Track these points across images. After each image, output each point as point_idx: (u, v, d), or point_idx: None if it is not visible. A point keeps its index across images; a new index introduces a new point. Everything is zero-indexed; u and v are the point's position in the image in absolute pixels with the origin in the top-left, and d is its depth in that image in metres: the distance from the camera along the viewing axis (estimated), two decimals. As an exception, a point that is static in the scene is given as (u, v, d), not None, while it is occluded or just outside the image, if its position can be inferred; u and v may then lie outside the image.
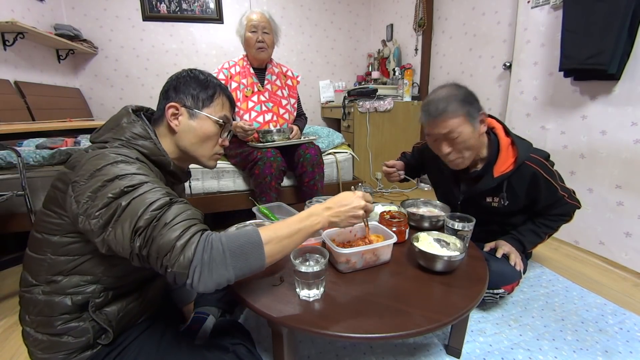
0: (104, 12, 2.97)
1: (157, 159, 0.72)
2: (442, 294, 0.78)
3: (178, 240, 0.54)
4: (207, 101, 0.76)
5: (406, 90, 2.73)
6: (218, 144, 0.81)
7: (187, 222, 0.57)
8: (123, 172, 0.58)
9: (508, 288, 1.08)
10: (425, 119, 1.03)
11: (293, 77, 1.86)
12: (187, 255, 0.53)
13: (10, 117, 1.93)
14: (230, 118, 0.83)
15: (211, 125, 0.77)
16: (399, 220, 1.01)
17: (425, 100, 1.05)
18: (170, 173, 0.77)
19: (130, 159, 0.63)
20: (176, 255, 0.53)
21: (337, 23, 3.66)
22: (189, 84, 0.76)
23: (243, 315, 1.15)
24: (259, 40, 1.63)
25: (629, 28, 1.34)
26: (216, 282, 0.56)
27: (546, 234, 1.15)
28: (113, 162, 0.60)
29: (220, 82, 0.80)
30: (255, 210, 1.17)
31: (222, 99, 0.79)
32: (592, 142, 1.60)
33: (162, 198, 0.57)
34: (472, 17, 2.34)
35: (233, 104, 0.84)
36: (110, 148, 0.64)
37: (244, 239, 0.59)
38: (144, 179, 0.60)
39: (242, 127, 1.56)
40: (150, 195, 0.57)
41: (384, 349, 1.00)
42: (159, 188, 0.60)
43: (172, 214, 0.56)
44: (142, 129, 0.71)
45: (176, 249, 0.53)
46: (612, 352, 0.98)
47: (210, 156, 0.82)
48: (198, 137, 0.76)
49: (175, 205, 0.58)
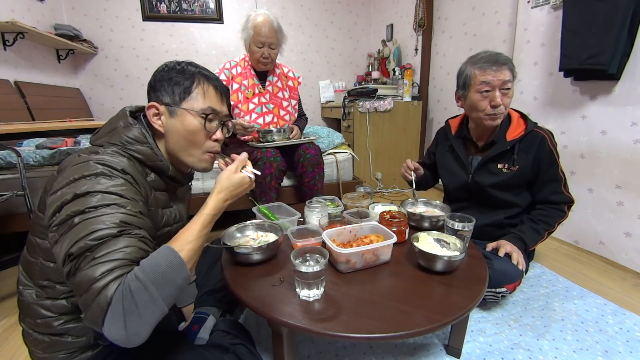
0: (104, 12, 2.97)
1: (154, 165, 0.68)
2: (442, 294, 0.78)
3: (96, 282, 0.48)
4: (185, 94, 0.69)
5: (406, 90, 2.73)
6: (209, 139, 0.73)
7: (118, 262, 0.50)
8: (95, 189, 0.54)
9: (510, 287, 1.08)
10: (488, 65, 1.09)
11: (294, 78, 1.86)
12: (101, 304, 0.47)
13: (10, 117, 1.93)
14: (220, 109, 0.73)
15: (192, 120, 0.69)
16: (399, 220, 1.01)
17: (482, 53, 1.13)
18: (171, 178, 0.73)
19: (114, 172, 0.58)
20: (90, 300, 0.47)
21: (337, 23, 3.66)
22: (164, 79, 0.69)
23: (243, 315, 1.15)
24: (264, 57, 1.62)
25: (629, 28, 1.34)
26: (150, 323, 0.50)
27: (546, 231, 1.16)
28: (92, 174, 0.56)
29: (201, 70, 0.72)
30: (255, 210, 1.17)
31: (203, 88, 0.71)
32: (592, 142, 1.60)
33: (109, 228, 0.51)
34: (472, 17, 2.34)
35: (223, 92, 0.75)
36: (100, 155, 0.61)
37: (165, 264, 0.52)
38: (115, 200, 0.55)
39: (242, 124, 1.55)
40: (101, 221, 0.52)
41: (384, 349, 1.00)
42: (121, 214, 0.54)
43: (108, 248, 0.50)
44: (139, 132, 0.67)
45: (91, 292, 0.47)
46: (612, 352, 0.98)
47: (200, 157, 0.73)
48: (181, 137, 0.70)
49: (122, 239, 0.52)
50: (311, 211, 1.13)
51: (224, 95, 0.75)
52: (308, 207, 1.14)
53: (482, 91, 1.11)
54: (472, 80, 1.13)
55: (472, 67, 1.13)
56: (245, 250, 0.87)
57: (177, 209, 0.80)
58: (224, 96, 0.75)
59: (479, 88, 1.11)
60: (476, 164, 1.24)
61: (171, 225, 0.76)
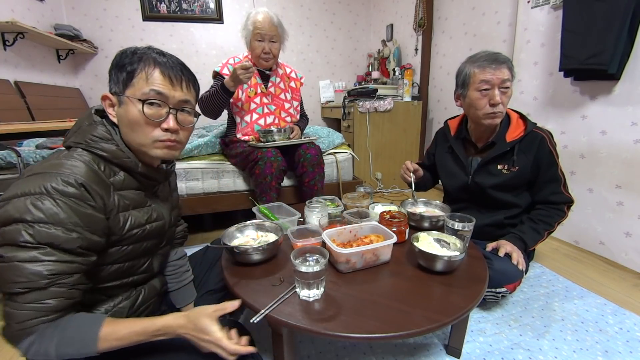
0: (104, 12, 2.97)
1: (120, 162, 0.65)
2: (442, 294, 0.78)
3: (19, 324, 0.53)
4: (128, 80, 0.64)
5: (406, 90, 2.73)
6: (158, 128, 0.66)
7: (41, 313, 0.53)
8: (32, 219, 0.53)
9: (510, 287, 1.08)
10: (487, 64, 1.10)
11: (296, 79, 1.85)
12: (15, 339, 0.54)
13: (10, 117, 1.93)
14: (169, 93, 0.66)
15: (133, 108, 0.63)
16: (399, 220, 1.01)
17: (482, 53, 1.14)
18: (142, 175, 0.70)
19: (67, 190, 0.55)
20: (9, 331, 0.54)
21: (337, 23, 3.66)
22: (113, 66, 0.66)
23: (243, 316, 1.15)
24: (265, 52, 1.59)
25: (629, 28, 1.34)
26: None
27: (545, 231, 1.16)
28: (37, 193, 0.54)
29: (150, 53, 0.66)
30: (255, 210, 1.17)
31: (147, 71, 0.64)
32: (592, 142, 1.60)
33: (37, 281, 0.53)
34: (472, 17, 2.34)
35: (174, 76, 0.66)
36: (62, 160, 0.59)
37: (78, 341, 0.55)
38: (49, 238, 0.53)
39: (242, 65, 1.42)
40: (29, 272, 0.52)
41: (384, 349, 1.00)
42: (51, 263, 0.54)
43: (34, 298, 0.53)
44: (104, 130, 0.64)
45: (12, 327, 0.53)
46: (612, 352, 0.98)
47: (151, 143, 0.66)
48: (128, 127, 0.65)
49: (49, 290, 0.54)
50: (311, 211, 1.13)
51: (178, 80, 0.67)
52: (308, 207, 1.14)
53: (481, 89, 1.11)
54: (471, 79, 1.13)
55: (471, 66, 1.13)
56: (245, 250, 0.87)
57: (156, 209, 0.76)
58: (177, 81, 0.67)
59: (478, 86, 1.12)
60: (476, 165, 1.24)
61: (144, 226, 0.71)
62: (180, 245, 0.97)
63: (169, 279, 0.89)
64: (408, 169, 1.34)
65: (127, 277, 0.72)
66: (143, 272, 0.75)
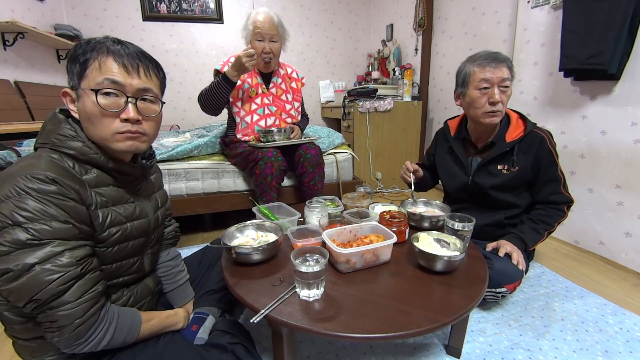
0: (104, 12, 2.97)
1: (88, 159, 0.63)
2: (442, 294, 0.78)
3: (79, 318, 0.55)
4: (82, 72, 0.61)
5: (406, 90, 2.73)
6: (117, 118, 0.63)
7: (93, 298, 0.57)
8: (25, 219, 0.52)
9: (510, 287, 1.08)
10: (487, 62, 1.10)
11: (298, 80, 1.84)
12: (88, 325, 0.57)
13: (10, 117, 1.93)
14: (125, 81, 0.62)
15: (87, 100, 0.61)
16: (399, 220, 1.01)
17: (481, 52, 1.14)
18: (115, 170, 0.68)
19: (43, 187, 0.54)
20: (71, 328, 0.55)
21: (337, 23, 3.66)
22: (69, 59, 0.63)
23: (243, 315, 1.15)
24: (265, 52, 1.58)
25: (629, 28, 1.34)
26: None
27: (545, 231, 1.16)
28: (16, 195, 0.52)
29: (104, 42, 0.62)
30: (255, 210, 1.17)
31: (100, 59, 0.61)
32: (592, 142, 1.60)
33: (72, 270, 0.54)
34: (472, 17, 2.34)
35: (131, 64, 0.63)
36: (33, 159, 0.58)
37: (128, 324, 0.64)
38: (53, 227, 0.53)
39: (245, 52, 1.40)
40: (59, 261, 0.53)
41: (384, 349, 1.00)
42: (70, 245, 0.55)
43: (79, 291, 0.55)
44: (68, 128, 0.63)
45: (73, 325, 0.54)
46: (612, 352, 0.98)
47: (112, 136, 0.63)
48: (87, 120, 0.62)
49: (88, 276, 0.57)
50: (311, 211, 1.13)
51: (135, 67, 0.64)
52: (308, 207, 1.14)
53: (481, 88, 1.12)
54: (471, 78, 1.13)
55: (471, 65, 1.14)
56: (245, 250, 0.87)
57: (139, 206, 0.74)
58: (133, 68, 0.64)
59: (478, 85, 1.12)
60: (476, 165, 1.24)
61: (124, 224, 0.69)
62: (173, 245, 0.96)
63: (163, 280, 0.88)
64: (408, 169, 1.34)
65: (117, 278, 0.71)
66: (134, 272, 0.75)
